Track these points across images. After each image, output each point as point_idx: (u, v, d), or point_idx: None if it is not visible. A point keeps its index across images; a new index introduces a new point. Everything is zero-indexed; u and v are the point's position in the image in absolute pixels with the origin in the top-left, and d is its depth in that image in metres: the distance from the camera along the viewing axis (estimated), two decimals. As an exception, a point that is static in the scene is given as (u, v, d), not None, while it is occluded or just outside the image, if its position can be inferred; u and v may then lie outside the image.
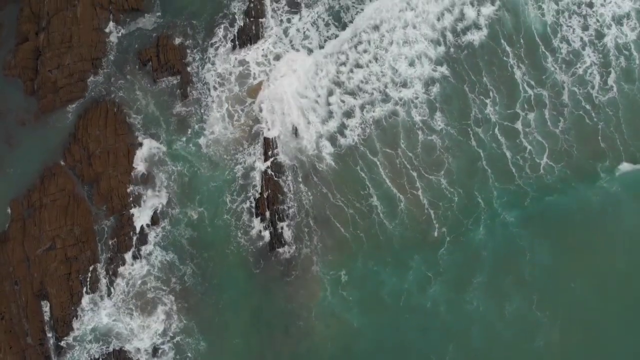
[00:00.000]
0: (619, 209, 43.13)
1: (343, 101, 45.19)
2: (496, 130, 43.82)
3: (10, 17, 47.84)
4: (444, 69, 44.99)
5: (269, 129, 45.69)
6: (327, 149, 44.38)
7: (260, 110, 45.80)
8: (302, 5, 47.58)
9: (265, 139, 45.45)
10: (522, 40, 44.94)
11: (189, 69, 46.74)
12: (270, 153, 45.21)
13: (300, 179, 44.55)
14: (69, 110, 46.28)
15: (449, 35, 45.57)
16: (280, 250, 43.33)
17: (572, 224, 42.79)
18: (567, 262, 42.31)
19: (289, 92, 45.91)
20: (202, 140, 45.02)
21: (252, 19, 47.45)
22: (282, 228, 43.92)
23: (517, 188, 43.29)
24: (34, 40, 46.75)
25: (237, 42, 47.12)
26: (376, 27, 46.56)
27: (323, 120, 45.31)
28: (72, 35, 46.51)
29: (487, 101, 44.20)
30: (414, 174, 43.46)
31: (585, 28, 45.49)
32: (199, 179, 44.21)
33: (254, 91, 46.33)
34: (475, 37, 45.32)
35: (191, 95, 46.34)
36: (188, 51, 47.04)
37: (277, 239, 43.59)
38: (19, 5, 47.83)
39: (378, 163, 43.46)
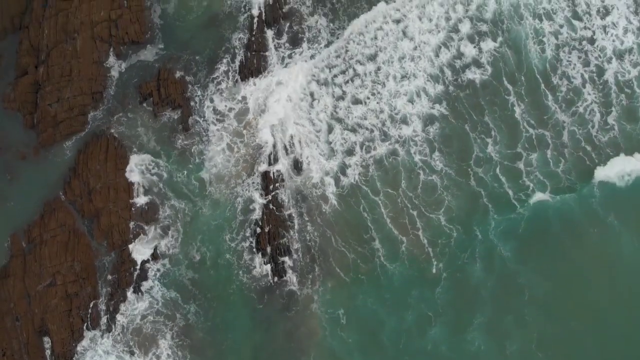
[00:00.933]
0: (619, 244, 43.26)
1: (344, 138, 45.24)
2: (497, 170, 43.98)
3: (10, 48, 47.52)
4: (443, 108, 45.04)
5: (270, 163, 45.75)
6: (330, 187, 44.46)
7: (261, 145, 45.84)
8: (305, 39, 47.63)
9: (266, 173, 45.48)
10: (523, 78, 44.99)
11: (190, 102, 46.63)
12: (271, 187, 45.24)
13: (302, 215, 44.65)
14: (69, 144, 46.13)
15: (448, 72, 45.56)
16: (284, 279, 43.47)
17: (571, 261, 42.95)
18: (566, 299, 42.47)
19: (289, 125, 46.05)
20: (203, 175, 44.95)
21: (253, 53, 47.39)
22: (283, 262, 44.07)
23: (517, 216, 43.47)
24: (33, 74, 46.49)
25: (238, 76, 47.00)
26: (372, 57, 46.64)
27: (325, 156, 45.34)
28: (72, 69, 46.30)
29: (488, 140, 44.33)
30: (414, 212, 43.58)
31: (586, 64, 45.52)
32: (200, 218, 44.19)
33: (254, 125, 46.39)
34: (477, 74, 45.36)
35: (192, 129, 46.25)
36: (189, 85, 46.94)
37: (278, 273, 43.79)
38: (18, 36, 47.66)
39: (380, 203, 43.57)
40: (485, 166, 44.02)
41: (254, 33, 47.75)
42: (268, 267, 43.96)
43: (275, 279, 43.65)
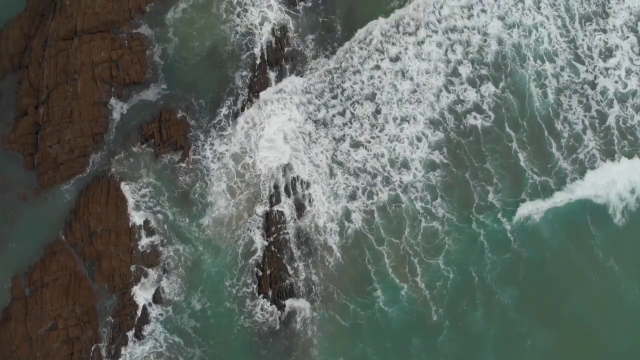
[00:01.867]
0: (620, 290, 43.52)
1: (345, 182, 45.27)
2: (499, 215, 44.13)
3: (9, 88, 47.35)
4: (443, 156, 45.15)
5: (272, 204, 45.73)
6: (334, 237, 44.44)
7: (262, 186, 45.80)
8: (309, 82, 47.58)
9: (268, 214, 45.50)
10: (525, 124, 45.01)
11: (191, 144, 46.51)
12: (273, 229, 45.27)
13: (304, 262, 44.72)
14: (70, 186, 45.92)
15: (449, 116, 45.64)
16: (287, 322, 43.68)
17: (571, 311, 43.15)
18: (568, 347, 42.68)
19: (290, 166, 46.05)
20: (204, 220, 44.90)
21: (255, 94, 47.27)
22: (284, 305, 44.18)
23: (513, 255, 43.69)
24: (33, 115, 46.32)
25: (240, 116, 46.90)
26: (372, 96, 46.60)
27: (327, 198, 45.38)
28: (73, 110, 46.11)
29: (489, 188, 44.48)
30: (415, 260, 43.74)
31: (587, 109, 45.51)
32: (201, 264, 44.21)
33: (254, 166, 46.31)
34: (478, 120, 45.38)
35: (193, 170, 46.15)
36: (190, 126, 46.73)
37: (281, 317, 43.97)
38: (18, 76, 47.42)
39: (384, 253, 43.67)
40: (486, 212, 44.24)
41: (256, 74, 47.73)
42: (270, 310, 44.15)
43: (279, 321, 43.80)
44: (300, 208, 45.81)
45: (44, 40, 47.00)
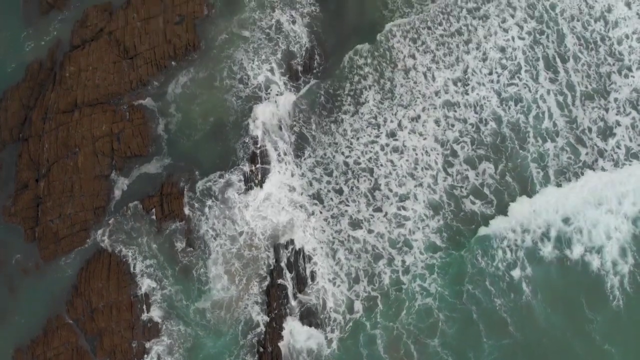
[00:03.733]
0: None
1: (346, 263, 45.80)
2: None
3: (9, 159, 47.21)
4: (441, 241, 45.92)
5: (273, 280, 46.08)
6: (335, 331, 44.81)
7: (263, 262, 46.20)
8: (307, 157, 47.84)
9: (269, 290, 45.86)
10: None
11: (193, 218, 46.63)
12: (274, 305, 45.77)
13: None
14: (71, 260, 46.02)
15: (448, 201, 46.56)
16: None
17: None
18: None
19: (293, 242, 46.45)
20: (203, 304, 44.97)
21: (257, 166, 47.36)
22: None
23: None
24: (33, 188, 46.19)
25: (242, 190, 46.99)
26: (370, 171, 47.30)
27: (331, 280, 45.85)
28: (74, 184, 46.04)
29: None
30: (409, 342, 44.44)
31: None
32: (201, 346, 44.48)
33: (256, 241, 46.63)
34: (477, 205, 46.21)
35: (194, 245, 46.29)
36: (192, 200, 46.89)
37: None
38: (17, 146, 47.14)
39: (381, 346, 44.23)
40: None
41: (257, 146, 47.75)
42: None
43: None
44: (302, 283, 46.28)
45: (44, 113, 46.64)
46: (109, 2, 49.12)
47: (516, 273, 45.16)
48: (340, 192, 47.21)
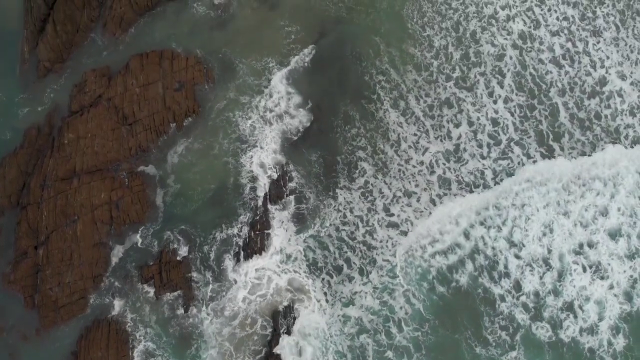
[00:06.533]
0: None
1: (344, 340, 45.59)
2: None
3: (7, 225, 46.88)
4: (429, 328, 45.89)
5: (271, 349, 45.92)
6: None
7: (261, 331, 46.06)
8: (309, 222, 47.48)
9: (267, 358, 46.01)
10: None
11: (191, 287, 46.32)
12: (272, 378, 45.79)
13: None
14: (71, 328, 45.86)
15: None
16: None
17: None
18: None
19: (290, 311, 46.41)
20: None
21: (257, 232, 47.01)
22: None
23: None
24: (33, 256, 45.93)
25: (242, 257, 46.69)
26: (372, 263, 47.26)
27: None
28: (73, 253, 45.78)
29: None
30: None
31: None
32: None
33: (255, 308, 46.42)
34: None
35: (192, 314, 46.09)
36: (192, 270, 46.54)
37: None
38: (16, 213, 46.84)
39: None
40: None
41: (258, 212, 47.38)
42: None
43: None
44: (300, 351, 46.28)
45: (43, 180, 46.22)
46: (107, 66, 48.50)
47: None
48: (338, 271, 46.77)
